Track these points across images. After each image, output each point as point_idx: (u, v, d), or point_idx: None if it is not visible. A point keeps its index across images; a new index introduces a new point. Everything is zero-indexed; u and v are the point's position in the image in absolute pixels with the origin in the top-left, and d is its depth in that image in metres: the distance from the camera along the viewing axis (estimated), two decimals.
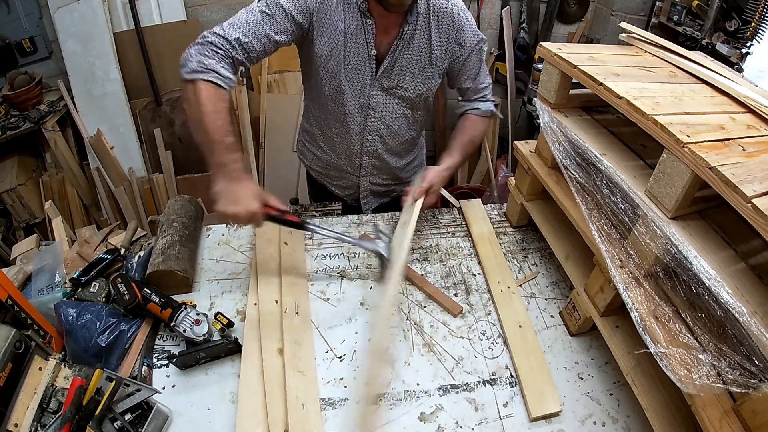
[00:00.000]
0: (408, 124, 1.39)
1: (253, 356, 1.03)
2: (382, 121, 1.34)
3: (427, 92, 1.32)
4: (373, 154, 1.42)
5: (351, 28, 1.18)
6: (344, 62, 1.21)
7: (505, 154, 3.54)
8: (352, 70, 1.23)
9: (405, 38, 1.20)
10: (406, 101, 1.32)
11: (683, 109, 0.87)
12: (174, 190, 3.11)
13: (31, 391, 0.91)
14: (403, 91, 1.29)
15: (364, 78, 1.25)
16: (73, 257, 1.39)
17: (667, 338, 0.78)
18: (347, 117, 1.32)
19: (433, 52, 1.24)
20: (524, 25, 3.12)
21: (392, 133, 1.39)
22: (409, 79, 1.27)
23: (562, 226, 1.22)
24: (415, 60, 1.24)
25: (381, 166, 1.47)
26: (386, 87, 1.28)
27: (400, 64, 1.24)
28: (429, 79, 1.29)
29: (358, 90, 1.27)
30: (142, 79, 2.98)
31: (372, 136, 1.37)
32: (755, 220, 0.65)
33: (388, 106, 1.32)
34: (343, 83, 1.24)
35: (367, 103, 1.30)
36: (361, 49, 1.20)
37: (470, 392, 1.00)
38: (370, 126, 1.35)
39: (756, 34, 2.01)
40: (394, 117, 1.34)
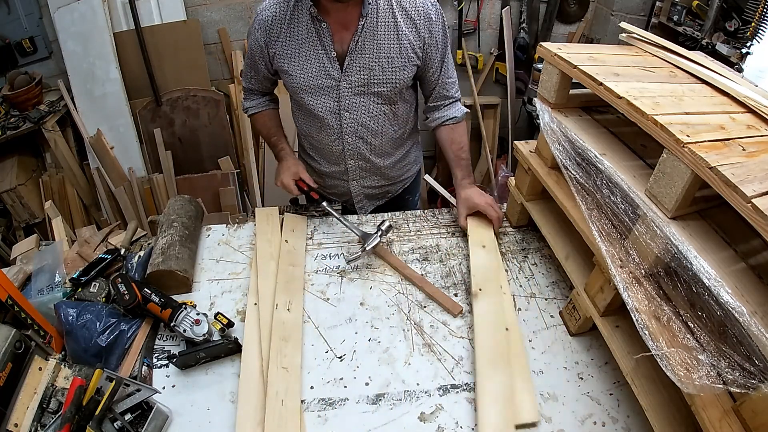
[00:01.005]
0: (389, 121, 1.37)
1: (253, 356, 1.03)
2: (359, 122, 1.33)
3: (402, 84, 1.29)
4: (358, 156, 1.41)
5: (305, 37, 1.21)
6: (306, 71, 1.25)
7: (505, 154, 3.54)
8: (316, 77, 1.25)
9: (366, 32, 1.19)
10: (381, 97, 1.29)
11: (683, 109, 0.86)
12: (174, 190, 3.11)
13: (31, 391, 0.91)
14: (375, 87, 1.26)
15: (329, 80, 1.25)
16: (73, 257, 1.39)
17: (667, 338, 0.78)
18: (323, 123, 1.35)
19: (402, 42, 1.22)
20: (524, 25, 3.13)
21: (373, 133, 1.36)
22: (379, 72, 1.24)
23: (562, 226, 1.22)
24: (383, 52, 1.22)
25: (369, 167, 1.46)
26: (356, 85, 1.26)
27: (366, 59, 1.22)
28: (401, 70, 1.25)
29: (327, 95, 1.28)
30: (142, 79, 2.98)
31: (351, 139, 1.36)
32: (755, 220, 0.65)
33: (362, 105, 1.30)
34: (310, 92, 1.29)
35: (338, 106, 1.29)
36: (320, 54, 1.22)
37: (470, 392, 1.00)
38: (347, 128, 1.34)
39: (756, 34, 2.01)
40: (371, 116, 1.32)
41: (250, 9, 3.03)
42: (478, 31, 3.20)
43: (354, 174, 1.48)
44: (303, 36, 1.21)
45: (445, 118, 1.39)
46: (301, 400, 0.98)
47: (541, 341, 1.10)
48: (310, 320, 1.15)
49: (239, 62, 3.11)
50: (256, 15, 1.25)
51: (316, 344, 1.10)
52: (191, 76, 3.08)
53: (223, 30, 3.06)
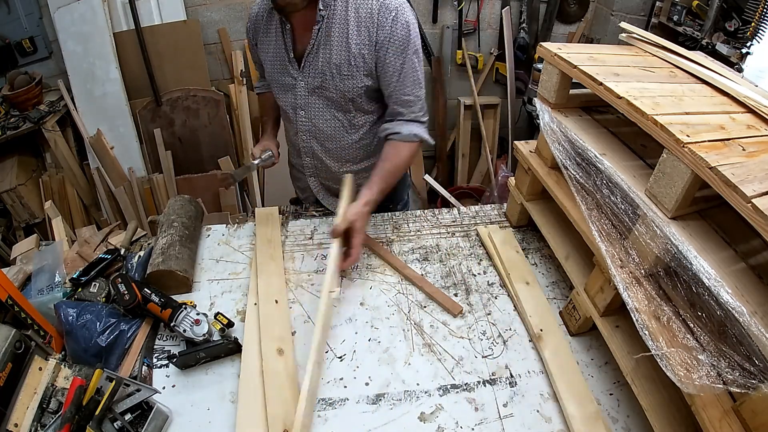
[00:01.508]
0: (344, 128, 1.34)
1: (253, 356, 1.03)
2: (312, 122, 1.35)
3: (351, 93, 1.25)
4: (312, 154, 1.44)
5: (274, 35, 1.28)
6: (273, 67, 1.32)
7: (505, 154, 3.54)
8: (279, 73, 1.31)
9: (321, 37, 1.20)
10: (333, 102, 1.29)
11: (683, 109, 0.87)
12: (174, 190, 3.11)
13: (31, 391, 0.91)
14: (326, 92, 1.27)
15: (289, 78, 1.30)
16: (73, 257, 1.39)
17: (667, 338, 0.78)
18: (286, 116, 1.42)
19: (352, 51, 1.18)
20: (524, 25, 3.13)
21: (326, 136, 1.36)
22: (330, 78, 1.23)
23: (562, 226, 1.22)
24: (334, 59, 1.20)
25: (324, 168, 1.45)
26: (311, 87, 1.28)
27: (319, 63, 1.23)
28: (348, 79, 1.22)
29: (288, 91, 1.33)
30: (142, 79, 2.98)
31: (305, 137, 1.39)
32: (755, 220, 0.65)
33: (316, 107, 1.31)
34: (276, 86, 1.36)
35: (295, 102, 1.33)
36: (282, 53, 1.28)
37: (470, 392, 1.00)
38: (302, 126, 1.37)
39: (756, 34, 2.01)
40: (324, 119, 1.33)
41: (250, 9, 3.02)
42: (478, 31, 3.20)
43: (310, 171, 1.49)
44: (273, 33, 1.29)
45: (390, 131, 1.28)
46: None
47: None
48: (310, 320, 1.15)
49: (239, 62, 3.11)
50: (250, 10, 1.37)
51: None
52: (191, 76, 3.07)
53: (223, 30, 3.06)
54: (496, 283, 1.25)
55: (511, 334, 1.12)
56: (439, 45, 3.23)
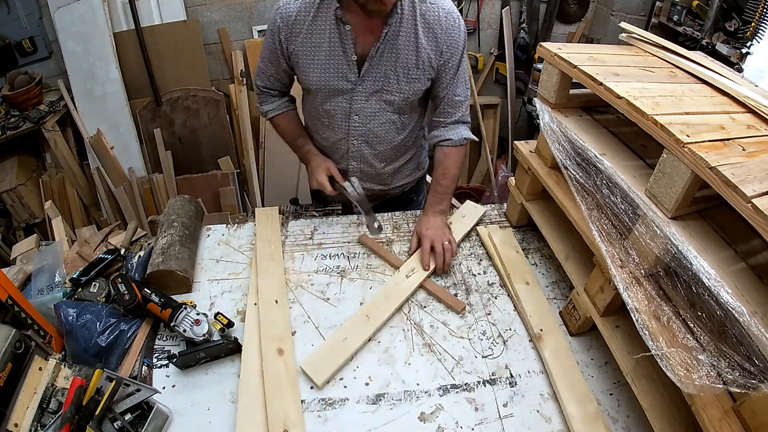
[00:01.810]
0: (396, 129, 1.36)
1: (253, 356, 1.03)
2: (367, 127, 1.33)
3: (414, 96, 1.28)
4: (360, 159, 1.41)
5: (327, 36, 1.19)
6: (323, 72, 1.23)
7: (505, 154, 3.54)
8: (332, 78, 1.24)
9: (388, 40, 1.19)
10: (392, 105, 1.29)
11: (683, 109, 0.87)
12: (174, 190, 3.11)
13: (31, 391, 0.91)
14: (388, 95, 1.26)
15: (345, 83, 1.25)
16: (73, 257, 1.39)
17: (667, 338, 0.78)
18: (332, 122, 1.34)
19: (420, 54, 1.21)
20: (524, 25, 3.13)
21: (379, 139, 1.36)
22: (394, 81, 1.24)
23: (562, 226, 1.22)
24: (400, 62, 1.21)
25: (369, 171, 1.45)
26: (370, 91, 1.26)
27: (383, 67, 1.22)
28: (415, 81, 1.25)
29: (340, 96, 1.27)
30: (142, 79, 2.98)
31: (357, 141, 1.37)
32: (755, 220, 0.65)
33: (372, 111, 1.30)
34: (324, 92, 1.27)
35: (349, 108, 1.29)
36: (339, 56, 1.21)
37: (470, 392, 1.00)
38: (354, 131, 1.34)
39: (756, 34, 2.01)
40: (380, 122, 1.32)
41: (250, 9, 3.02)
42: (478, 31, 3.20)
43: (353, 175, 1.46)
44: (325, 36, 1.19)
45: (441, 138, 1.36)
46: (301, 400, 0.98)
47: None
48: (310, 320, 1.15)
49: (239, 62, 3.11)
50: (278, 9, 1.21)
51: (316, 344, 1.10)
52: (191, 76, 3.07)
53: (223, 30, 3.06)
54: (496, 283, 1.25)
55: (511, 334, 1.12)
56: None
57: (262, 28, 3.10)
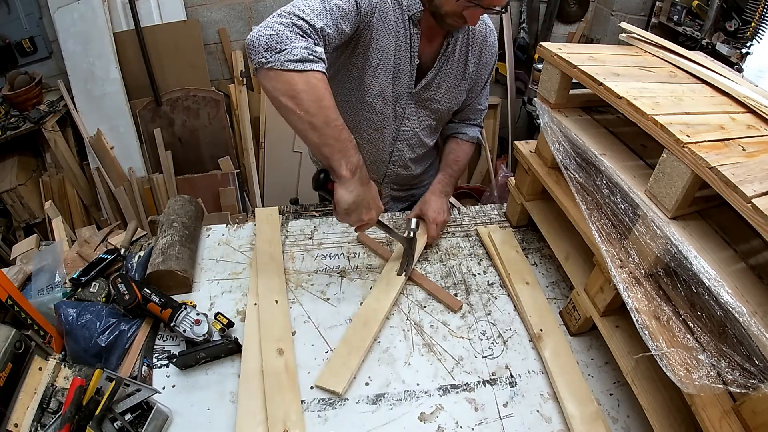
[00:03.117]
0: (431, 133, 1.43)
1: (253, 356, 1.03)
2: (414, 131, 1.36)
3: (456, 105, 1.36)
4: (401, 163, 1.44)
5: (400, 35, 1.13)
6: (385, 70, 1.16)
7: (505, 154, 3.54)
8: (393, 78, 1.19)
9: (448, 52, 1.23)
10: (436, 113, 1.34)
11: (683, 109, 0.87)
12: (174, 190, 3.11)
13: (31, 391, 0.91)
14: (436, 104, 1.31)
15: (404, 87, 1.23)
16: (73, 257, 1.39)
17: (667, 338, 0.78)
18: (383, 125, 1.28)
19: (468, 68, 1.28)
20: (524, 25, 3.13)
21: (420, 143, 1.42)
22: (445, 92, 1.30)
23: (562, 226, 1.22)
24: (452, 74, 1.27)
25: (404, 174, 1.49)
26: (422, 99, 1.29)
27: (440, 77, 1.27)
28: (461, 93, 1.33)
29: (397, 99, 1.26)
30: (142, 79, 2.98)
31: (402, 145, 1.39)
32: (755, 220, 0.65)
33: (419, 117, 1.34)
34: (388, 91, 1.20)
35: (403, 112, 1.30)
36: (405, 59, 1.17)
37: (470, 392, 1.00)
38: (402, 135, 1.36)
39: (756, 34, 2.01)
40: (422, 127, 1.37)
41: (250, 9, 3.03)
42: None
43: (390, 178, 1.50)
44: (392, 31, 1.11)
45: (457, 131, 1.44)
46: (302, 400, 0.98)
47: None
48: (310, 320, 1.15)
49: (239, 62, 3.11)
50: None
51: (316, 344, 1.10)
52: (191, 76, 3.08)
53: (223, 30, 3.06)
54: (496, 283, 1.25)
55: (511, 334, 1.12)
56: None
57: None
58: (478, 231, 1.41)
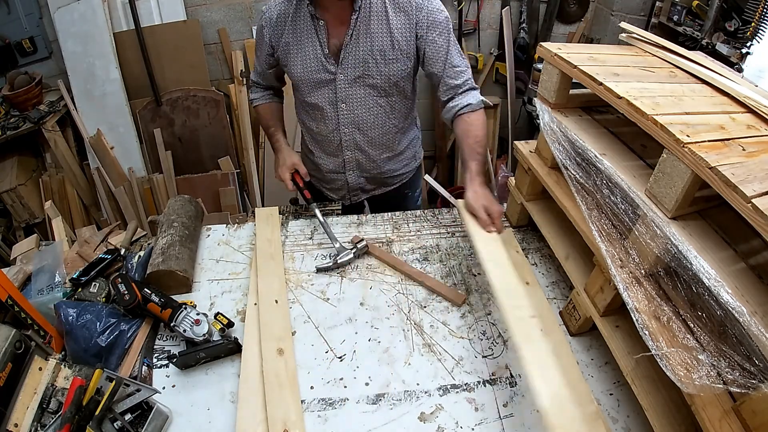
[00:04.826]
0: (385, 113, 1.40)
1: (253, 356, 1.03)
2: (354, 113, 1.37)
3: (396, 77, 1.32)
4: (354, 147, 1.45)
5: (305, 33, 1.29)
6: (305, 66, 1.32)
7: (505, 154, 3.54)
8: (314, 71, 1.32)
9: (360, 27, 1.24)
10: (377, 89, 1.33)
11: (683, 109, 0.86)
12: (174, 190, 3.11)
13: (31, 391, 0.91)
14: (369, 79, 1.31)
15: (326, 74, 1.31)
16: (73, 257, 1.39)
17: (667, 338, 0.78)
18: (322, 114, 1.40)
19: (394, 36, 1.25)
20: (524, 25, 3.12)
21: (369, 125, 1.40)
22: (374, 65, 1.28)
23: (562, 226, 1.22)
24: (375, 47, 1.26)
25: (365, 159, 1.48)
26: (352, 77, 1.31)
27: (360, 53, 1.27)
28: (393, 62, 1.29)
29: (325, 87, 1.34)
30: (142, 79, 2.98)
31: (348, 129, 1.41)
32: (755, 220, 0.65)
33: (358, 97, 1.34)
34: (309, 85, 1.35)
35: (335, 97, 1.35)
36: (317, 50, 1.29)
37: (470, 392, 1.00)
38: (344, 119, 1.38)
39: (756, 34, 2.01)
40: (367, 107, 1.37)
41: (250, 9, 3.02)
42: (478, 31, 3.20)
43: (350, 165, 1.50)
44: (304, 33, 1.29)
45: (459, 106, 1.34)
46: (302, 400, 0.98)
47: None
48: (310, 320, 1.15)
49: (239, 62, 3.11)
50: (263, 13, 1.33)
51: (316, 344, 1.10)
52: (191, 76, 3.07)
53: (223, 30, 3.06)
54: None
55: None
56: None
57: None
58: None
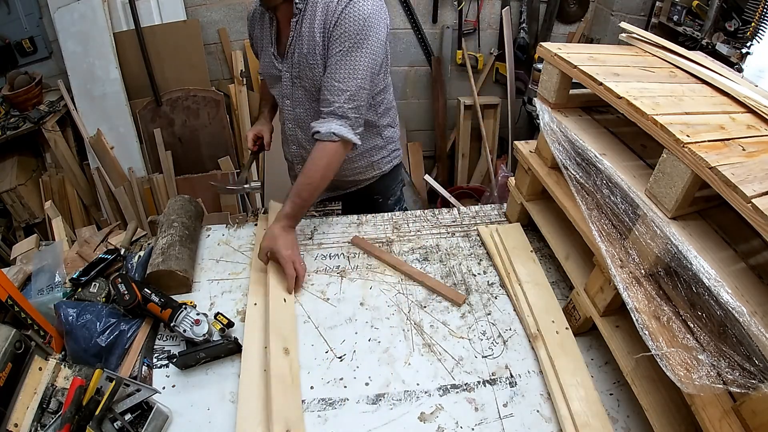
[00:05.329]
0: None
1: (253, 356, 1.03)
2: (295, 111, 1.40)
3: (318, 82, 1.25)
4: (297, 143, 1.48)
5: (266, 31, 1.35)
6: (263, 60, 1.41)
7: (505, 154, 3.54)
8: (268, 66, 1.39)
9: (297, 29, 1.25)
10: (308, 92, 1.34)
11: (683, 109, 0.87)
12: (174, 190, 3.11)
13: (31, 391, 0.91)
14: (303, 81, 1.32)
15: (274, 70, 1.36)
16: (73, 257, 1.39)
17: (667, 338, 0.79)
18: (279, 106, 1.48)
19: (316, 40, 1.21)
20: (524, 25, 3.12)
21: (307, 125, 1.36)
22: (304, 68, 1.28)
23: (562, 226, 1.22)
24: (305, 49, 1.25)
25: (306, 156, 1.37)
26: (293, 77, 1.33)
27: (296, 55, 1.28)
28: (314, 67, 1.24)
29: (276, 82, 1.39)
30: (142, 79, 2.98)
31: (291, 125, 1.45)
32: (755, 220, 0.65)
33: (298, 96, 1.37)
34: (267, 77, 1.44)
35: (281, 92, 1.39)
36: (269, 47, 1.35)
37: (470, 392, 1.00)
38: (287, 114, 1.43)
39: (756, 34, 2.01)
40: (305, 108, 1.38)
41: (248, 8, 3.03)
42: (478, 31, 3.20)
43: (297, 159, 1.54)
44: (265, 29, 1.36)
45: (314, 128, 1.23)
46: (302, 400, 0.98)
47: None
48: (310, 320, 1.15)
49: (239, 62, 3.11)
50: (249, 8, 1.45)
51: (316, 344, 1.10)
52: (191, 76, 3.07)
53: (223, 30, 3.06)
54: (496, 283, 1.25)
55: (511, 334, 1.12)
56: (439, 45, 3.23)
57: None
58: (479, 230, 1.41)
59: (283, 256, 1.18)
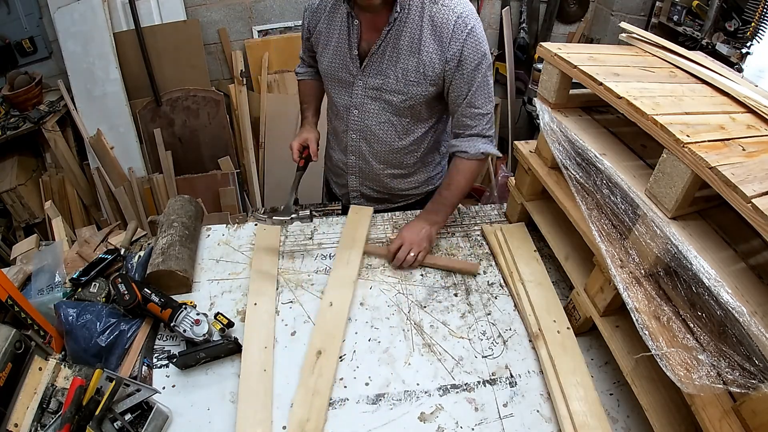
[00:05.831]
0: (396, 132, 1.34)
1: (253, 356, 1.03)
2: (365, 123, 1.34)
3: (413, 99, 1.25)
4: (358, 154, 1.42)
5: (339, 29, 1.26)
6: (332, 61, 1.30)
7: (505, 154, 3.54)
8: (338, 68, 1.30)
9: (390, 39, 1.19)
10: (391, 105, 1.28)
11: (683, 109, 0.87)
12: (174, 190, 3.11)
13: (31, 391, 0.91)
14: (387, 94, 1.26)
15: (347, 75, 1.29)
16: (73, 257, 1.39)
17: (667, 338, 0.79)
18: (338, 112, 1.40)
19: (422, 58, 1.18)
20: (524, 25, 3.13)
21: (376, 138, 1.36)
22: (393, 81, 1.23)
23: (562, 226, 1.22)
24: (401, 63, 1.20)
25: (367, 169, 1.45)
26: (370, 87, 1.27)
27: (384, 64, 1.23)
28: (414, 85, 1.22)
29: (344, 88, 1.32)
30: (142, 79, 2.98)
31: (355, 135, 1.38)
32: (755, 220, 0.65)
33: (371, 108, 1.31)
34: (332, 80, 1.35)
35: (350, 101, 1.32)
36: (345, 48, 1.27)
37: (470, 392, 1.00)
38: (353, 125, 1.36)
39: (756, 34, 2.01)
40: (378, 121, 1.32)
41: (250, 9, 3.02)
42: None
43: (353, 169, 1.48)
44: (337, 27, 1.27)
45: (457, 149, 1.30)
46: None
47: None
48: (310, 320, 1.15)
49: (239, 62, 3.11)
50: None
51: None
52: (191, 76, 3.07)
53: (223, 30, 3.06)
54: (496, 283, 1.25)
55: (511, 334, 1.12)
56: None
57: (262, 28, 3.10)
58: (482, 229, 1.40)
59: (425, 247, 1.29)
